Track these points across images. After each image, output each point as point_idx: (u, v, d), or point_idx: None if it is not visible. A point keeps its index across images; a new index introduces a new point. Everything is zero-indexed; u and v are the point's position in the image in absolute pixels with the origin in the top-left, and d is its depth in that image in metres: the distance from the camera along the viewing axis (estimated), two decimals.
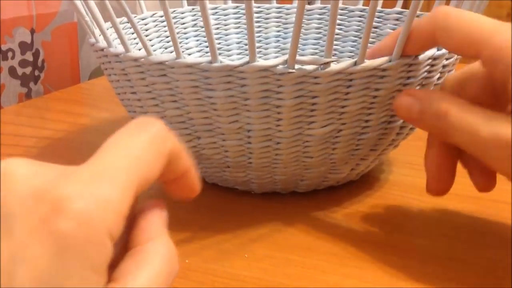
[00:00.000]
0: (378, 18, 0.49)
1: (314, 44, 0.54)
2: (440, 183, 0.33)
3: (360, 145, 0.36)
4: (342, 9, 0.52)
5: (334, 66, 0.31)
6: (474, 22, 0.29)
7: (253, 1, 0.29)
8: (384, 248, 0.33)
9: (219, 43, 0.53)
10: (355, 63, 0.31)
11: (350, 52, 0.52)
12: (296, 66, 0.31)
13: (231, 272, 0.31)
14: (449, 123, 0.29)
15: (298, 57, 0.31)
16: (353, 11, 0.52)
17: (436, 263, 0.31)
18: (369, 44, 0.32)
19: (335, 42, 0.50)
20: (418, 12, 0.43)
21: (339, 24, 0.52)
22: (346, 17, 0.52)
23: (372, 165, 0.41)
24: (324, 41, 0.53)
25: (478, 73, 0.32)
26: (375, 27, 0.49)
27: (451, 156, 0.33)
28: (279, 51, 0.54)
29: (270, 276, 0.30)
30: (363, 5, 0.52)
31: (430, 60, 0.34)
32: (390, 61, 0.32)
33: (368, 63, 0.32)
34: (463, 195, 0.39)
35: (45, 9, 0.67)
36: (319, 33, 0.53)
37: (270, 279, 0.30)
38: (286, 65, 0.31)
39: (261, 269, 0.31)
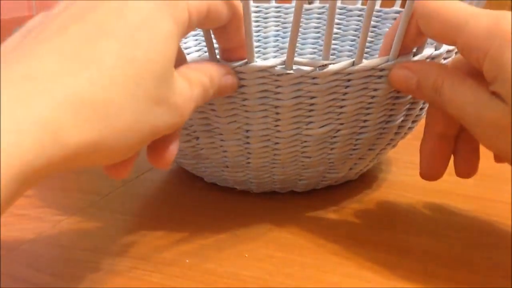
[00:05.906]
0: (376, 17, 0.49)
1: (313, 44, 0.54)
2: (433, 170, 0.34)
3: (358, 144, 0.36)
4: (340, 9, 0.52)
5: (332, 67, 0.31)
6: (451, 10, 0.29)
7: (251, 1, 0.29)
8: (384, 248, 0.33)
9: None
10: (353, 63, 0.31)
11: (349, 52, 0.52)
12: (294, 67, 0.31)
13: (231, 272, 0.31)
14: (443, 97, 0.30)
15: (296, 59, 0.31)
16: (351, 11, 0.52)
17: (436, 263, 0.31)
18: (367, 44, 0.32)
19: (333, 42, 0.50)
20: None
21: (337, 24, 0.52)
22: (344, 17, 0.52)
23: (370, 165, 0.41)
24: (323, 40, 0.53)
25: None
26: (374, 27, 0.49)
27: (446, 145, 0.33)
28: (278, 50, 0.54)
29: (270, 276, 0.30)
30: (361, 5, 0.52)
31: (428, 60, 0.34)
32: (387, 61, 0.32)
33: (366, 63, 0.31)
34: (463, 195, 0.39)
35: (45, 9, 0.67)
36: (318, 32, 0.53)
37: (270, 279, 0.30)
38: (284, 66, 0.31)
39: (261, 269, 0.31)
